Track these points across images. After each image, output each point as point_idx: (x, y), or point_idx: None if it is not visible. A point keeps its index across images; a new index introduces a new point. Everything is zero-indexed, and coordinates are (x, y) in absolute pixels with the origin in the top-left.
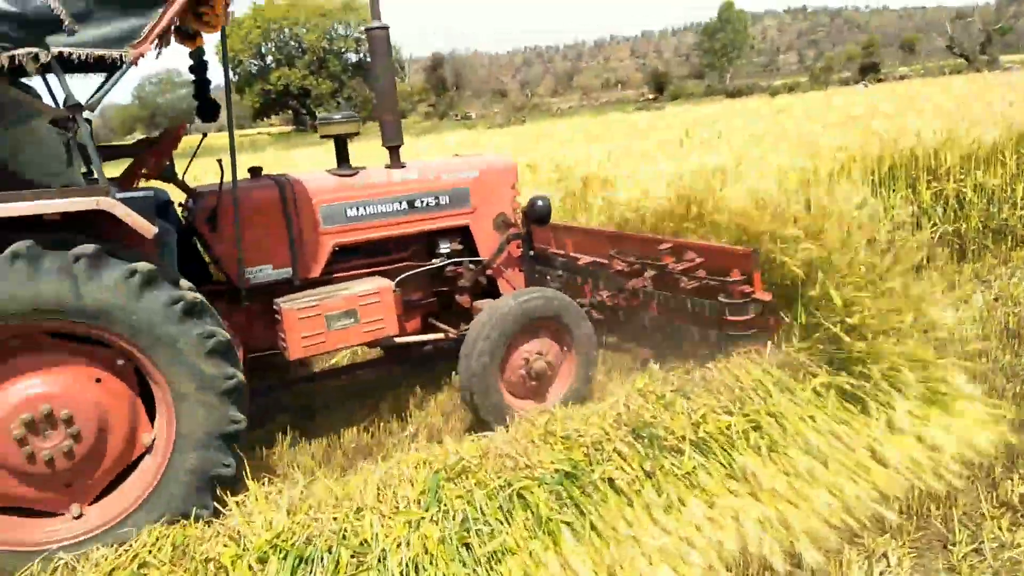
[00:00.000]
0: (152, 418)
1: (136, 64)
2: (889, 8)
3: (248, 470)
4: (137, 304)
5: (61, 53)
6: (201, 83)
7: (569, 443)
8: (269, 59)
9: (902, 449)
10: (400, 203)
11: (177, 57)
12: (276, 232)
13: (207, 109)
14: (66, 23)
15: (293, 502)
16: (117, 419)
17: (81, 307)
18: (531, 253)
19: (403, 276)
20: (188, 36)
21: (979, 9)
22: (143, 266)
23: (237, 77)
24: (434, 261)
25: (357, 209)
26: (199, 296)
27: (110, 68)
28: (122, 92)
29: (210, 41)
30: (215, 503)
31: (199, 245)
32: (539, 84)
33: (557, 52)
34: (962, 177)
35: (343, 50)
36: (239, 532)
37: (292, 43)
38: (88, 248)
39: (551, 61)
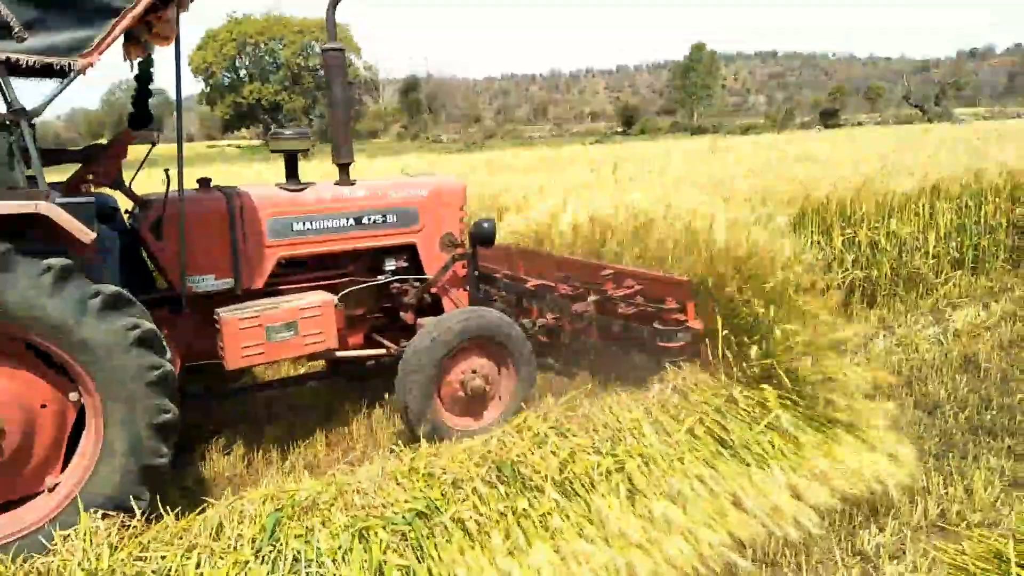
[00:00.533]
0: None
1: (84, 73)
2: (855, 56)
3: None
4: (50, 301)
5: (8, 58)
6: (144, 92)
7: (431, 480)
8: (243, 72)
9: (768, 494)
10: (347, 219)
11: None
12: (220, 243)
13: (143, 118)
14: (16, 30)
15: (123, 538)
16: (39, 450)
17: None
18: (476, 273)
19: (347, 291)
20: (139, 45)
21: (941, 63)
22: (56, 262)
23: (209, 88)
24: (379, 277)
25: (304, 224)
26: (120, 289)
27: (59, 75)
28: (91, 98)
29: (185, 53)
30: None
31: (144, 253)
32: (515, 112)
33: (534, 81)
34: (876, 225)
35: (319, 67)
36: (56, 569)
37: (267, 58)
38: None
39: (528, 90)
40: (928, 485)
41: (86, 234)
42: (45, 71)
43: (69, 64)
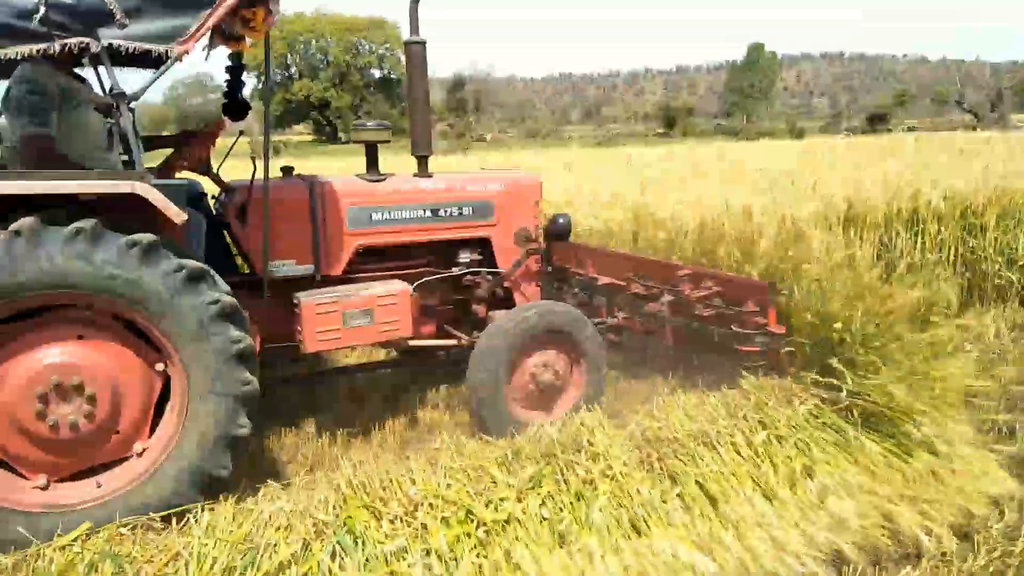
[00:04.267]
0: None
1: (181, 60)
2: (927, 59)
3: None
4: (137, 273)
5: (111, 44)
6: (234, 84)
7: None
8: (293, 69)
9: None
10: (425, 211)
11: (207, 62)
12: (302, 229)
13: (237, 108)
14: (118, 17)
15: None
16: (127, 417)
17: (84, 281)
18: (549, 268)
19: (422, 281)
20: (233, 38)
21: (1017, 67)
22: (143, 237)
23: (261, 85)
24: (453, 269)
25: (383, 214)
26: (203, 265)
27: (156, 63)
28: (155, 92)
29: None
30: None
31: (228, 238)
32: (569, 113)
33: (592, 81)
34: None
35: (368, 65)
36: None
37: (318, 55)
38: (87, 223)
39: (584, 90)
40: None
41: (178, 215)
42: (140, 59)
43: (167, 51)
